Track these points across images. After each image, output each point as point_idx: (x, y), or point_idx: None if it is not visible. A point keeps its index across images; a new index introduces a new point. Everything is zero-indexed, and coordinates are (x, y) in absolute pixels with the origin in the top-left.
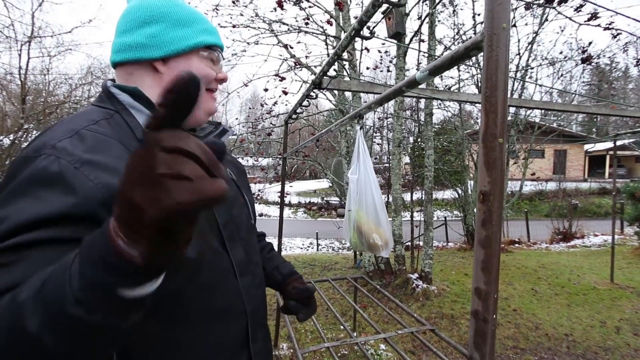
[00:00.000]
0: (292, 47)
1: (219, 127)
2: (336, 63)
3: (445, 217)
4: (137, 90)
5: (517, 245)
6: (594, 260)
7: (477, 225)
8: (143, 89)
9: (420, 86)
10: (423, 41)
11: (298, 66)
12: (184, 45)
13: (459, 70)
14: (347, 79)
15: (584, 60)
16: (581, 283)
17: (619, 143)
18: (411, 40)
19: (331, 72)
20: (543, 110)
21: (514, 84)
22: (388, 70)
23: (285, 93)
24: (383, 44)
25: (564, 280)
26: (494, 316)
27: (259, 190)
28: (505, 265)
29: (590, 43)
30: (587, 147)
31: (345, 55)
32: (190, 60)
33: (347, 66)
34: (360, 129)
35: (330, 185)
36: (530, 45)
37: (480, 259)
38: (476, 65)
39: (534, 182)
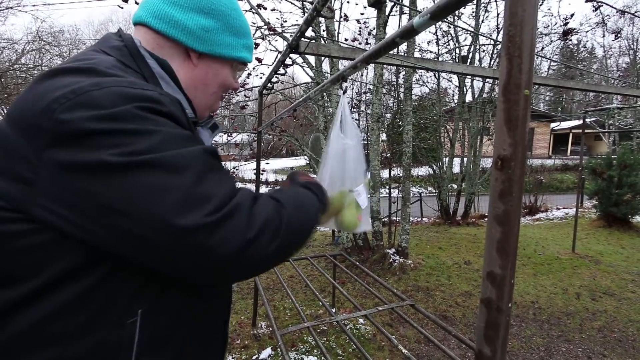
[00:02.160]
0: (265, 8)
1: (211, 120)
2: (313, 31)
3: (420, 193)
4: (168, 64)
5: (486, 219)
6: (557, 232)
7: (492, 198)
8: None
9: (403, 58)
10: (404, 13)
11: (272, 33)
12: (228, 54)
13: (438, 45)
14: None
15: (565, 33)
16: (546, 254)
17: (580, 122)
18: (391, 10)
19: (309, 34)
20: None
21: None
22: (367, 43)
23: (259, 61)
24: (362, 13)
25: (530, 251)
26: (510, 305)
27: (234, 168)
28: (476, 239)
29: (572, 15)
30: (552, 125)
31: (325, 11)
32: (223, 68)
33: (325, 34)
34: (344, 93)
35: (308, 162)
36: None
37: (495, 238)
38: (455, 39)
39: None
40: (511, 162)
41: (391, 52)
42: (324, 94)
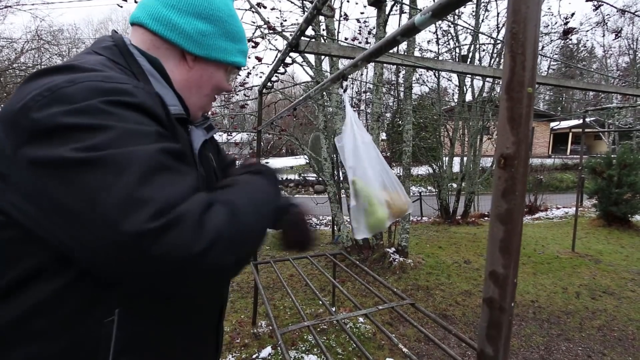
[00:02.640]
0: (264, 7)
1: (207, 121)
2: (313, 30)
3: (420, 192)
4: (159, 62)
5: (486, 218)
6: (557, 231)
7: (495, 196)
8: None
9: (403, 57)
10: (404, 12)
11: (271, 32)
12: (224, 59)
13: (438, 45)
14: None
15: (565, 32)
16: (545, 253)
17: (579, 122)
18: (391, 9)
19: (310, 33)
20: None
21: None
22: (367, 42)
23: (259, 59)
24: (362, 12)
25: (530, 250)
26: (512, 304)
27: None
28: (476, 238)
29: (573, 14)
30: (552, 124)
31: (325, 9)
32: (218, 71)
33: (325, 34)
34: (345, 92)
35: (307, 161)
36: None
37: (498, 237)
38: (455, 39)
39: None
40: (514, 161)
41: (391, 51)
42: (324, 93)
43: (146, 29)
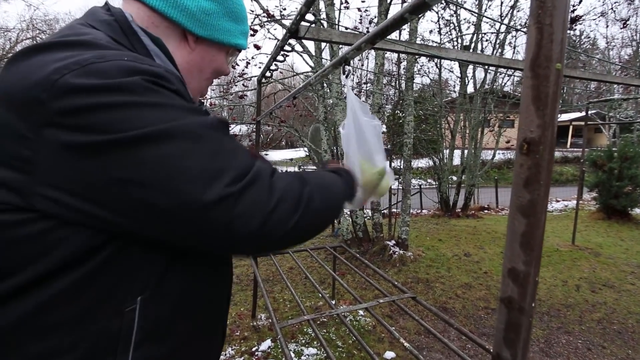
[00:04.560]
0: None
1: (202, 106)
2: (314, 15)
3: (420, 185)
4: (163, 42)
5: (486, 211)
6: (556, 224)
7: (515, 186)
8: None
9: (406, 44)
10: (406, 1)
11: (270, 20)
12: (226, 40)
13: (440, 34)
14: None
15: (572, 21)
16: (545, 245)
17: (580, 114)
18: None
19: (309, 18)
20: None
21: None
22: (368, 32)
23: (258, 48)
24: (363, 1)
25: None
26: (533, 304)
27: None
28: (476, 231)
29: (580, 1)
30: None
31: None
32: (219, 54)
33: (325, 23)
34: (347, 77)
35: (307, 154)
36: (511, 10)
37: (519, 231)
38: (457, 28)
39: (503, 152)
40: (539, 146)
41: (394, 40)
42: (324, 84)
43: (144, 4)
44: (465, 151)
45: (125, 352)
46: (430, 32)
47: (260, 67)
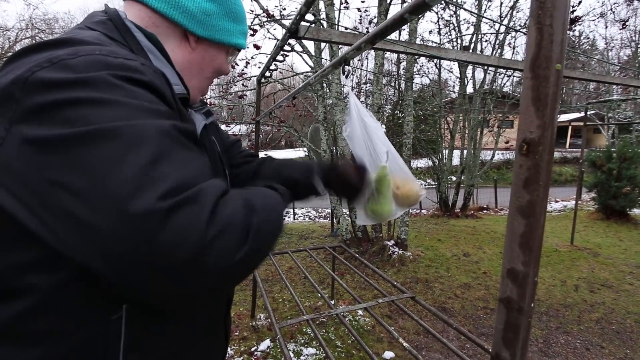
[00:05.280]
0: None
1: (205, 106)
2: (313, 15)
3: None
4: (156, 37)
5: (485, 211)
6: (555, 224)
7: (515, 186)
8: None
9: (406, 44)
10: (405, 2)
11: (270, 20)
12: (226, 40)
13: (439, 35)
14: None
15: (571, 21)
16: (544, 246)
17: (579, 115)
18: None
19: (309, 18)
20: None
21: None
22: (367, 31)
23: (258, 48)
24: (363, 1)
25: None
26: (532, 305)
27: None
28: (475, 231)
29: (580, 2)
30: None
31: None
32: (220, 53)
33: (325, 23)
34: (347, 77)
35: (307, 154)
36: (511, 10)
37: (518, 231)
38: (457, 29)
39: (502, 152)
40: (539, 147)
41: (394, 40)
42: (324, 83)
43: (146, 5)
44: (465, 151)
45: None
46: (430, 32)
47: (259, 67)
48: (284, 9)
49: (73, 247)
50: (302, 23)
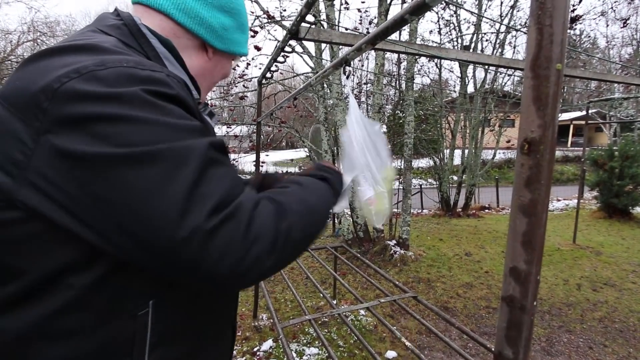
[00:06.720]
0: None
1: (207, 107)
2: (314, 16)
3: (420, 185)
4: (172, 44)
5: (487, 210)
6: (557, 223)
7: (516, 186)
8: (182, 57)
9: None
10: (405, 2)
11: (270, 21)
12: (238, 51)
13: (440, 35)
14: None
15: (572, 20)
16: (546, 245)
17: (581, 113)
18: None
19: (310, 19)
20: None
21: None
22: (368, 32)
23: (258, 49)
24: (363, 2)
25: None
26: (534, 303)
27: (234, 160)
28: (477, 230)
29: (580, 1)
30: None
31: None
32: (229, 61)
33: (325, 24)
34: (347, 77)
35: (308, 154)
36: (511, 10)
37: (520, 230)
38: (457, 29)
39: (504, 151)
40: (540, 146)
41: (394, 40)
42: (325, 84)
43: (168, 17)
44: (466, 151)
45: (141, 356)
46: (430, 32)
47: (260, 68)
48: (285, 10)
49: (124, 249)
50: (303, 24)
